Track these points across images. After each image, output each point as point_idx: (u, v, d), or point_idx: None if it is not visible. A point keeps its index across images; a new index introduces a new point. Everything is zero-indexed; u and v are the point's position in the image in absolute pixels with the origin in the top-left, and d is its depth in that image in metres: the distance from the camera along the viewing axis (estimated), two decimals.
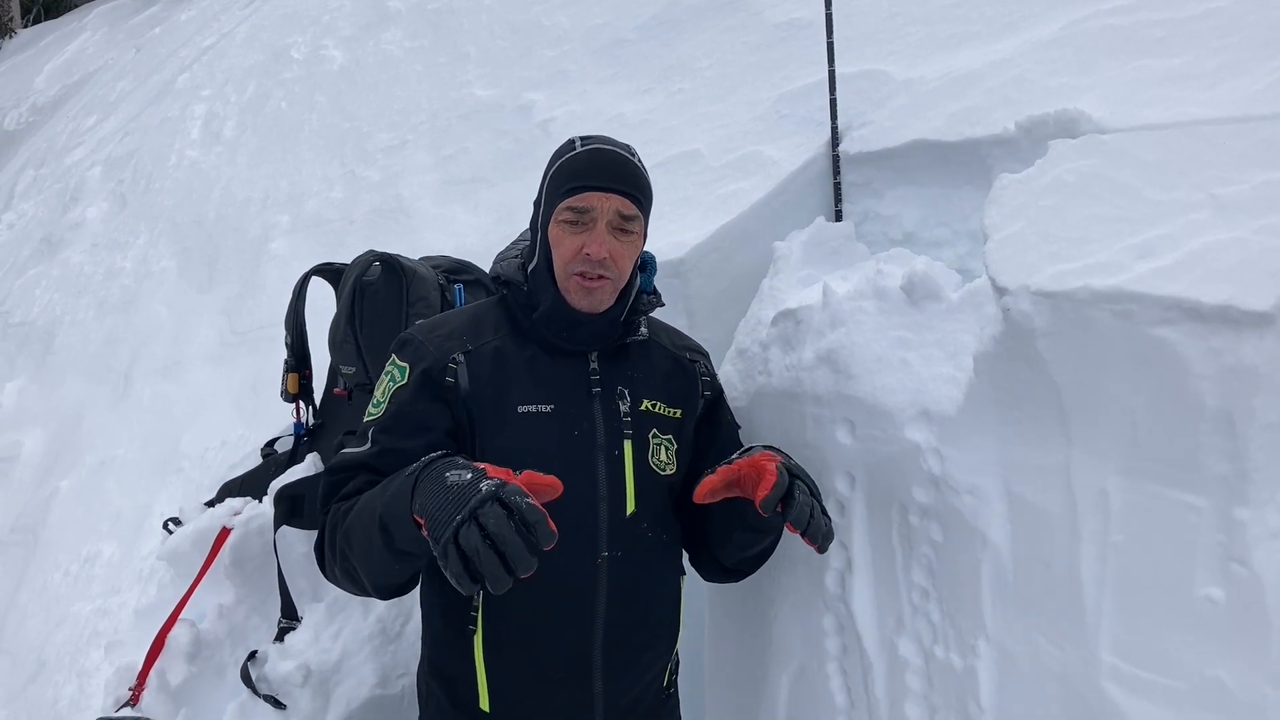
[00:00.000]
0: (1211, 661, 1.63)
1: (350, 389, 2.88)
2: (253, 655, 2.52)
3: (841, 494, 2.27)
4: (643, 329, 2.15)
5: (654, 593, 2.07)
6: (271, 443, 3.24)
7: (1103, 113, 2.40)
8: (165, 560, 2.84)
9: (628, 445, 2.02)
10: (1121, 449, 1.71)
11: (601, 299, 1.98)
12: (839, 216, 2.89)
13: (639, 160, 2.03)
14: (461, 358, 1.96)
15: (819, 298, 2.36)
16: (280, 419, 3.30)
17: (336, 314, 2.87)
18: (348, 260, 2.94)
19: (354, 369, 2.80)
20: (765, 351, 2.47)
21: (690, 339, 2.32)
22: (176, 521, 2.96)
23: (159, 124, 7.88)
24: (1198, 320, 1.56)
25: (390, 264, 2.80)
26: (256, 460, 3.23)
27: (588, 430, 1.99)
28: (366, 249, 2.88)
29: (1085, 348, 1.71)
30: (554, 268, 1.97)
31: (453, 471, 1.58)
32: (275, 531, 2.66)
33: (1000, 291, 1.82)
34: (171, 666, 2.51)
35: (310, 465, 2.82)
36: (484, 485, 1.51)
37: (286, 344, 3.06)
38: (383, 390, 1.99)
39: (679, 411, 2.14)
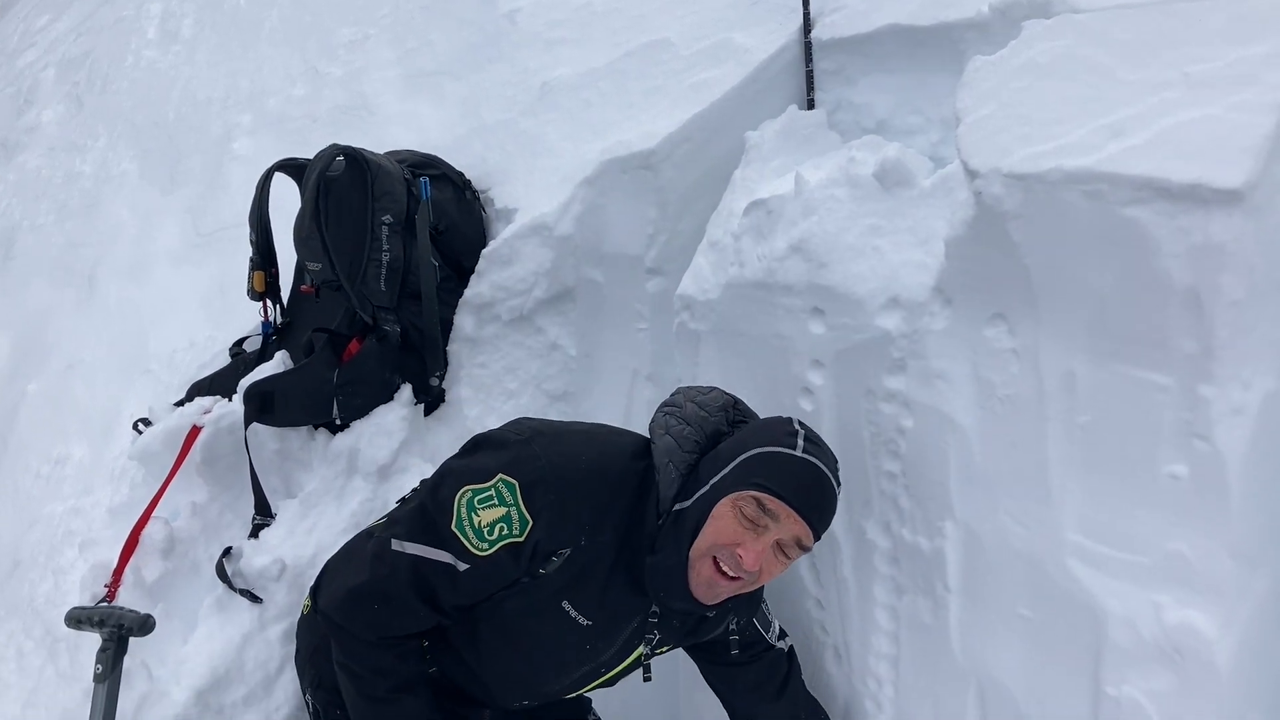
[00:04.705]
0: (1173, 536, 1.67)
1: (317, 286, 2.84)
2: (228, 551, 2.52)
3: (812, 383, 2.28)
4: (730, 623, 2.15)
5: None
6: (240, 342, 3.21)
7: None
8: (136, 459, 2.82)
9: (620, 668, 2.09)
10: (1089, 330, 1.72)
11: (721, 596, 1.86)
12: (811, 105, 2.85)
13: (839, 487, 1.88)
14: (568, 552, 1.84)
15: (791, 187, 2.34)
16: (248, 319, 3.26)
17: (301, 210, 2.81)
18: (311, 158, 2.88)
19: (320, 265, 2.76)
20: (737, 242, 2.46)
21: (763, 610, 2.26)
22: (146, 422, 2.93)
23: (114, 24, 7.62)
24: (1168, 199, 1.56)
25: (354, 158, 2.74)
26: (225, 360, 3.20)
27: (599, 650, 2.01)
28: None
29: (1056, 230, 1.70)
30: (698, 536, 1.81)
31: None
32: (246, 429, 2.64)
33: (972, 174, 1.81)
34: (147, 563, 2.51)
35: (279, 362, 2.79)
36: None
37: (251, 241, 3.01)
38: (493, 520, 1.79)
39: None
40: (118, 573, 2.49)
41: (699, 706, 2.65)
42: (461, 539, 1.80)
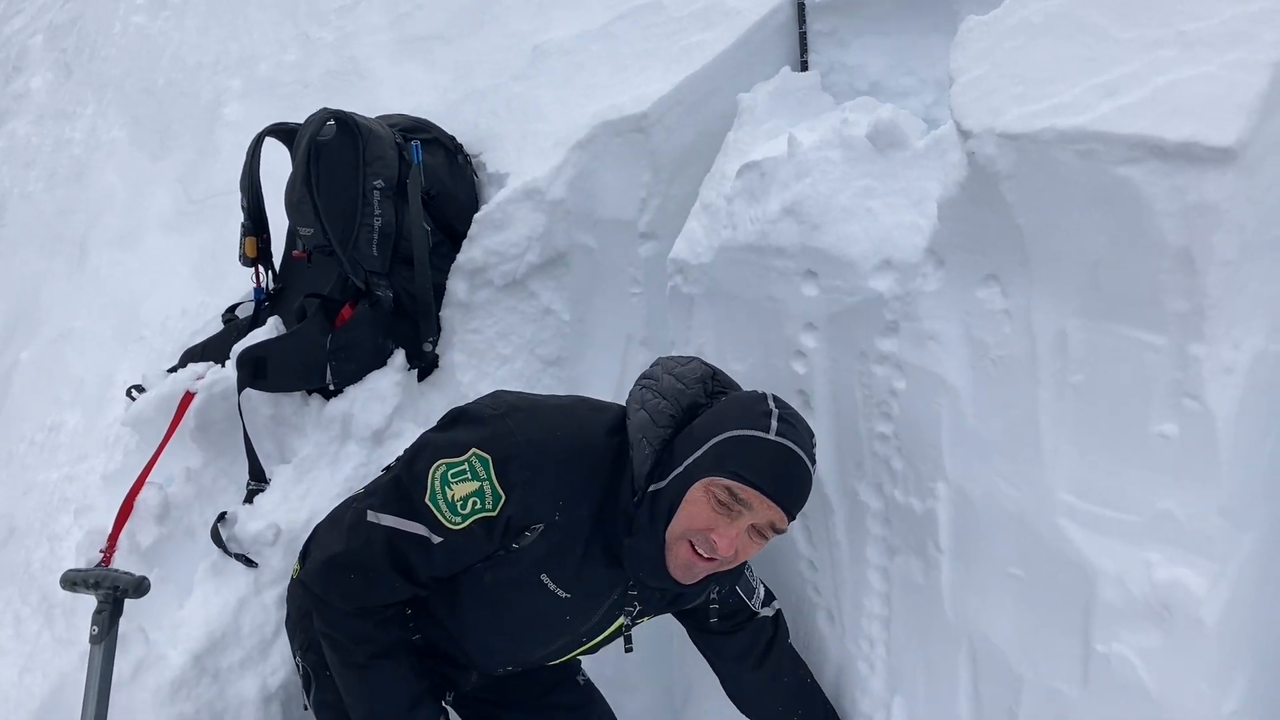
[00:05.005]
0: (1163, 494, 1.68)
1: (309, 251, 2.83)
2: (222, 516, 2.53)
3: (805, 346, 2.28)
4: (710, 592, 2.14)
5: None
6: (232, 308, 3.19)
7: None
8: (130, 426, 2.82)
9: (601, 637, 2.10)
10: (1082, 290, 1.72)
11: (699, 576, 1.87)
12: (804, 67, 2.84)
13: (814, 465, 1.88)
14: (541, 527, 1.84)
15: (784, 149, 2.33)
16: (241, 285, 3.25)
17: (292, 174, 2.79)
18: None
19: (312, 230, 2.74)
20: (730, 205, 2.45)
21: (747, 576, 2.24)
22: (139, 389, 2.93)
23: None
24: (1161, 158, 1.55)
25: (345, 122, 2.72)
26: (218, 327, 3.19)
27: (579, 621, 2.01)
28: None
29: (1049, 189, 1.70)
30: (672, 519, 1.81)
31: None
32: (239, 394, 2.64)
33: (965, 135, 1.80)
34: (141, 528, 2.52)
35: (271, 328, 2.79)
36: None
37: (243, 207, 2.99)
38: (467, 494, 1.80)
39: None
40: (113, 538, 2.49)
41: (690, 668, 2.67)
42: (435, 512, 1.81)
